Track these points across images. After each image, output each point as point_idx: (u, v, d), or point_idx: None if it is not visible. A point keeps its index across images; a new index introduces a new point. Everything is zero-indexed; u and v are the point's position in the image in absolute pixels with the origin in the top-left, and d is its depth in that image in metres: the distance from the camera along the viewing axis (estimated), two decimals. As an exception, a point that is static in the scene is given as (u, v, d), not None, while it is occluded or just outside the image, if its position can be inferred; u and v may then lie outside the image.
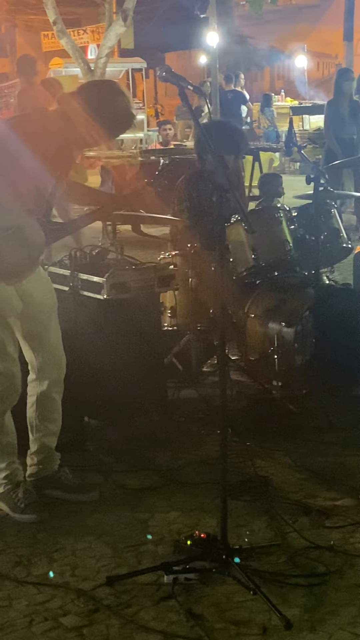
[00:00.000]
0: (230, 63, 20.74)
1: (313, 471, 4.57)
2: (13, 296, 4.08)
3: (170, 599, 3.45)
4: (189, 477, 4.54)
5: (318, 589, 3.50)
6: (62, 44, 18.93)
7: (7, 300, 4.06)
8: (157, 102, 31.05)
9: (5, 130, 4.01)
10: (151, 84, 31.13)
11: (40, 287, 4.25)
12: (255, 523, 4.05)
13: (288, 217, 6.10)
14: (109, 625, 3.32)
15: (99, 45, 21.03)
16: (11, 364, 4.12)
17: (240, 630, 3.26)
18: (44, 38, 29.65)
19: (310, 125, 19.95)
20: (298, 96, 24.69)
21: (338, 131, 11.35)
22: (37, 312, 4.21)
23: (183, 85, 3.61)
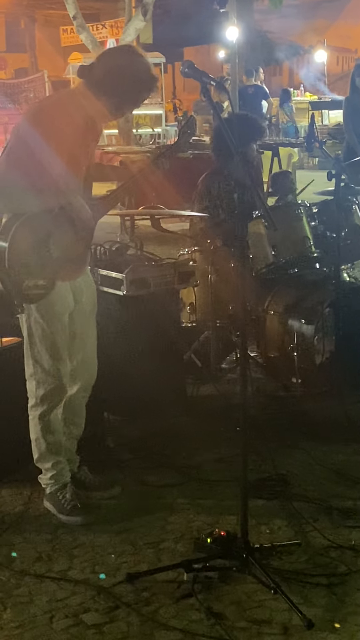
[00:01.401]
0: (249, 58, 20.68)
1: (333, 470, 4.55)
2: (68, 293, 4.06)
3: (191, 597, 3.44)
4: (209, 474, 4.53)
5: (339, 588, 3.48)
6: (82, 39, 18.94)
7: (63, 296, 4.02)
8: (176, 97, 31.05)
9: (32, 116, 3.97)
10: (169, 79, 31.15)
11: (88, 285, 4.23)
12: (276, 521, 4.04)
13: (308, 213, 6.07)
14: (129, 622, 3.32)
15: (117, 40, 21.04)
16: (60, 363, 4.08)
17: (262, 629, 3.25)
18: (63, 33, 29.66)
19: (329, 120, 19.89)
20: (317, 91, 24.61)
21: (357, 126, 11.27)
22: (83, 312, 4.18)
23: (206, 81, 3.59)
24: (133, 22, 18.39)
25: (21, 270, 3.76)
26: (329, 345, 5.50)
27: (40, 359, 4.06)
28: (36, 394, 4.11)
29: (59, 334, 4.05)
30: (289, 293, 5.77)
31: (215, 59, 27.94)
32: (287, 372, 5.64)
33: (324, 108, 20.88)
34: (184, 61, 3.59)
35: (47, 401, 4.11)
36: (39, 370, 4.07)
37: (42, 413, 4.12)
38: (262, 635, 3.22)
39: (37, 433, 4.16)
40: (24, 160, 3.80)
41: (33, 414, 4.15)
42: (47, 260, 3.83)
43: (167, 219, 7.30)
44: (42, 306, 3.96)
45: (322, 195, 6.85)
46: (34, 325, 4.02)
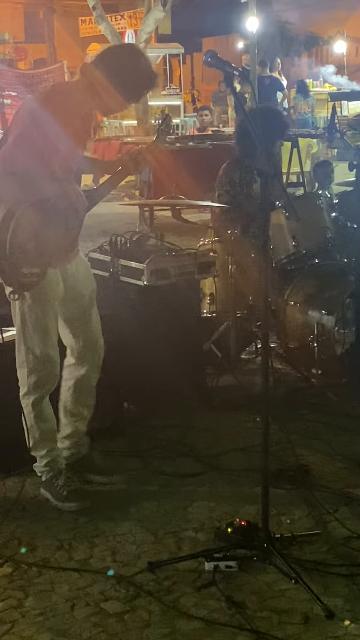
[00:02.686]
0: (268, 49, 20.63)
1: (353, 460, 4.54)
2: (58, 280, 4.09)
3: (211, 586, 3.44)
4: (229, 465, 4.53)
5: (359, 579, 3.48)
6: (101, 30, 18.94)
7: (53, 284, 4.06)
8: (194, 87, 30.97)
9: (34, 104, 4.00)
10: (188, 70, 31.06)
11: (81, 271, 4.26)
12: (296, 512, 4.03)
13: (329, 204, 6.06)
14: (150, 611, 3.33)
15: (136, 31, 21.00)
16: (51, 349, 4.12)
17: (282, 619, 3.25)
18: (82, 24, 29.64)
19: (349, 111, 19.79)
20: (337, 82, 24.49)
21: None
22: (79, 296, 4.22)
23: (229, 71, 3.58)
24: (152, 12, 18.36)
25: (20, 257, 3.82)
26: (350, 336, 5.49)
27: (32, 345, 4.09)
28: (28, 382, 4.14)
29: (52, 320, 4.10)
30: (309, 283, 5.76)
31: (234, 49, 27.84)
32: (307, 363, 5.63)
33: (344, 99, 20.77)
34: (207, 51, 3.58)
35: (39, 389, 4.14)
36: (30, 357, 4.10)
37: (34, 401, 4.15)
38: (283, 624, 3.22)
39: (30, 421, 4.18)
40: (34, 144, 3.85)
41: (25, 402, 4.17)
42: (44, 248, 3.89)
43: (186, 210, 7.30)
44: (35, 293, 4.00)
45: (343, 186, 6.84)
46: (28, 312, 4.05)
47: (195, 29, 26.49)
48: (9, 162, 3.86)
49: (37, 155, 3.86)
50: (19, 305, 4.06)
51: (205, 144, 12.86)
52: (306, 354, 5.60)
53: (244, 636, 3.16)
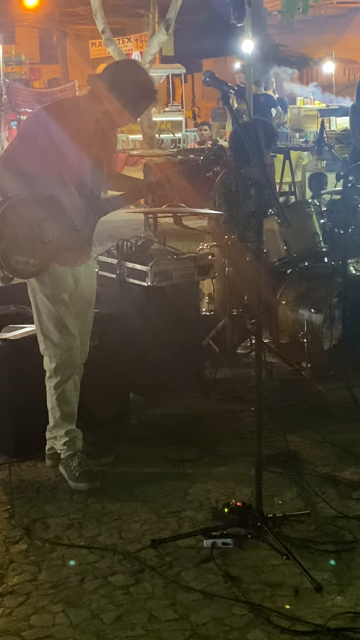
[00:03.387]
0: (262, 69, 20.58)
1: (340, 446, 4.53)
2: (67, 275, 4.10)
3: (209, 561, 3.44)
4: (226, 450, 4.52)
5: (346, 555, 3.47)
6: (109, 52, 18.89)
7: (63, 278, 4.07)
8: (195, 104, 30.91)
9: (44, 114, 4.01)
10: (189, 88, 30.99)
11: (88, 274, 4.26)
12: (287, 493, 4.03)
13: (318, 211, 6.07)
14: (153, 584, 3.32)
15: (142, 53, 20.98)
16: (69, 336, 4.11)
17: (274, 591, 3.24)
18: (92, 46, 29.63)
19: (337, 126, 19.74)
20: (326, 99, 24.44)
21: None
22: (81, 297, 4.21)
23: (226, 89, 3.57)
24: (157, 36, 18.32)
25: (9, 246, 3.85)
26: (337, 332, 5.48)
27: (49, 334, 4.11)
28: (49, 367, 4.16)
29: (63, 310, 4.10)
30: (299, 284, 5.76)
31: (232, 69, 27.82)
32: (297, 357, 5.63)
33: (332, 115, 20.72)
34: (206, 71, 3.57)
35: (59, 372, 4.14)
36: (49, 345, 4.12)
37: (56, 384, 4.16)
38: (275, 597, 3.21)
39: (52, 402, 4.20)
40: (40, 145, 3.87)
41: (49, 385, 4.19)
42: (38, 242, 3.90)
43: (187, 217, 7.29)
44: (45, 287, 4.05)
45: (331, 195, 6.83)
46: (41, 305, 4.09)
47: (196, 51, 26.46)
48: (16, 161, 3.88)
49: (43, 156, 3.88)
50: (33, 298, 4.11)
51: (205, 157, 12.83)
52: (297, 348, 5.60)
53: (239, 607, 3.15)
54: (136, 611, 3.16)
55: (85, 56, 31.55)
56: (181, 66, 26.04)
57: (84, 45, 31.36)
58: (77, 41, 33.26)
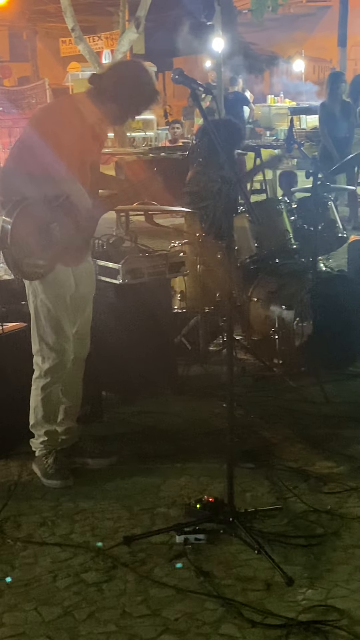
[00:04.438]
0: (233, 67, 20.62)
1: (311, 441, 4.57)
2: (69, 277, 4.09)
3: (182, 557, 3.46)
4: (198, 446, 4.54)
5: (317, 549, 3.50)
6: (80, 50, 18.88)
7: (65, 280, 4.06)
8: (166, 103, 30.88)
9: (34, 121, 4.00)
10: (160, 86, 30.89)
11: (87, 271, 4.26)
12: (259, 488, 4.05)
13: (288, 209, 6.09)
14: (126, 581, 3.33)
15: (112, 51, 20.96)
16: (64, 340, 4.12)
17: (246, 586, 3.26)
18: (62, 44, 29.50)
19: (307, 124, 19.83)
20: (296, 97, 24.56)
21: (332, 130, 11.28)
22: (81, 294, 4.19)
23: (195, 87, 3.58)
24: (127, 34, 18.32)
25: (22, 249, 3.81)
26: (307, 329, 5.51)
27: (45, 336, 4.10)
28: (41, 367, 4.15)
29: (63, 313, 4.08)
30: (270, 281, 5.78)
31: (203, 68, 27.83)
32: (269, 354, 5.66)
33: (302, 113, 20.82)
34: (175, 69, 3.58)
35: (50, 374, 4.14)
36: (44, 346, 4.11)
37: (44, 385, 4.15)
38: (247, 591, 3.23)
39: (36, 402, 4.20)
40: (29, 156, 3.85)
41: (36, 385, 4.18)
42: (48, 243, 3.87)
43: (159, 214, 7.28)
44: (47, 289, 4.02)
45: (301, 192, 6.87)
46: (40, 306, 4.07)
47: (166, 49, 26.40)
48: (21, 162, 3.85)
49: (47, 158, 3.85)
50: (33, 298, 4.09)
51: (176, 155, 12.84)
52: (268, 345, 5.63)
53: (212, 602, 3.17)
54: (109, 608, 3.17)
55: (56, 54, 31.43)
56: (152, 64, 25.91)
57: (54, 43, 31.21)
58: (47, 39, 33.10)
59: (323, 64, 31.48)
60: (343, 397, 5.23)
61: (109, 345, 4.97)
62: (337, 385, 5.37)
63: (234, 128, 6.12)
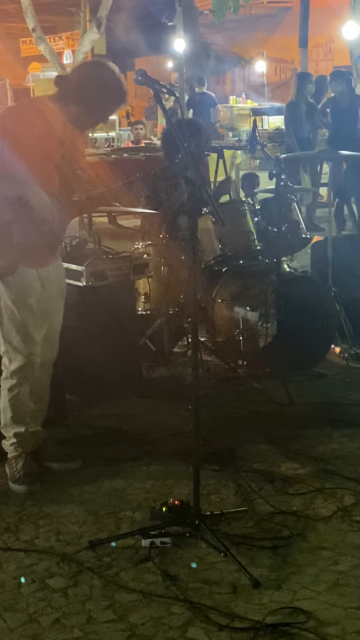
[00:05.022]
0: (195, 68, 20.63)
1: (276, 443, 4.57)
2: (35, 279, 4.04)
3: (148, 561, 3.44)
4: (163, 449, 4.53)
5: (283, 550, 3.50)
6: (40, 50, 18.78)
7: (29, 283, 4.02)
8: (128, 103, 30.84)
9: (9, 114, 3.96)
10: (122, 87, 30.81)
11: (56, 274, 4.22)
12: (224, 491, 4.05)
13: (252, 210, 6.11)
14: (91, 585, 3.31)
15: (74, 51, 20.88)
16: (31, 343, 4.08)
17: (213, 589, 3.26)
18: (23, 44, 29.32)
19: (269, 125, 19.89)
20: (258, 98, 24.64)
21: (297, 131, 11.34)
22: (49, 297, 4.16)
23: (157, 88, 3.58)
24: (88, 34, 18.26)
25: None
26: (272, 330, 5.52)
27: (10, 338, 4.06)
28: (8, 369, 4.12)
29: (27, 316, 4.04)
30: (235, 283, 5.79)
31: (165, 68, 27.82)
32: (233, 355, 5.67)
33: (264, 114, 20.88)
34: (138, 70, 3.57)
35: (16, 376, 4.11)
36: (9, 348, 4.08)
37: (11, 386, 4.12)
38: (213, 594, 3.23)
39: (5, 403, 4.17)
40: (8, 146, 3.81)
41: (4, 386, 4.15)
42: (7, 244, 3.84)
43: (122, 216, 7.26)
44: (11, 291, 3.98)
45: (264, 193, 6.89)
46: (4, 308, 4.03)
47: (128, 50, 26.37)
48: None
49: (8, 158, 3.80)
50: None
51: (139, 155, 12.82)
52: (233, 346, 5.63)
53: (178, 606, 3.16)
54: (74, 613, 3.15)
55: (16, 54, 31.20)
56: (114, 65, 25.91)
57: (14, 43, 30.99)
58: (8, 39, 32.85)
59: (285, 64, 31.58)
60: (307, 398, 5.25)
61: (73, 348, 4.93)
62: (301, 386, 5.39)
63: (198, 128, 6.13)
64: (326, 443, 4.58)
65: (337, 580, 3.30)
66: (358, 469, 4.24)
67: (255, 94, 24.66)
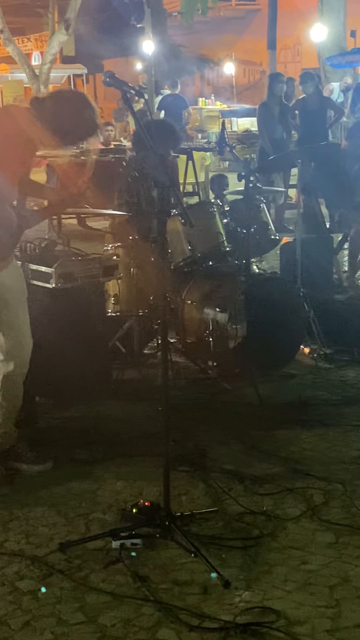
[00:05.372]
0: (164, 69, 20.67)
1: (246, 443, 4.59)
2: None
3: (118, 562, 3.44)
4: (134, 451, 4.52)
5: (253, 550, 3.51)
6: (9, 51, 18.71)
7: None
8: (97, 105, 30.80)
9: None
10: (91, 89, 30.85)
11: (11, 274, 4.19)
12: (195, 491, 4.05)
13: (221, 211, 6.13)
14: (62, 588, 3.30)
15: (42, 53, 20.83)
16: None
17: (183, 589, 3.26)
18: (-9, 45, 29.18)
19: (238, 127, 19.97)
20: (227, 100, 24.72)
21: (271, 132, 11.37)
22: (8, 298, 4.14)
23: (126, 90, 3.58)
24: (56, 36, 18.22)
25: None
26: (241, 331, 5.54)
27: None
28: None
29: None
30: (204, 284, 5.80)
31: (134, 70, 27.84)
32: (203, 356, 5.68)
33: (233, 116, 20.96)
34: (106, 71, 3.57)
35: None
36: None
37: None
38: (184, 595, 3.23)
39: None
40: None
41: None
42: None
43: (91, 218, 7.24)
44: None
45: (233, 195, 6.91)
46: None
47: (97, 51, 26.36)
48: None
49: None
50: None
51: (108, 157, 12.81)
52: (202, 348, 5.65)
53: (148, 607, 3.16)
54: (45, 616, 3.13)
55: (-16, 56, 31.06)
56: (82, 66, 25.93)
57: (-18, 44, 30.85)
58: (-24, 40, 32.69)
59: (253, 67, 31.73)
60: (277, 398, 5.27)
61: (43, 349, 4.91)
62: (271, 387, 5.41)
63: (168, 129, 6.13)
64: (296, 443, 4.61)
65: (307, 579, 3.32)
66: (328, 469, 4.26)
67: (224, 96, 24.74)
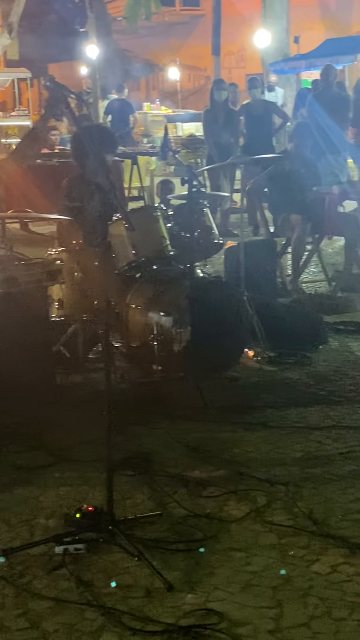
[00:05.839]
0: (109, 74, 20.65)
1: (190, 446, 4.60)
2: None
3: (61, 568, 3.42)
4: (78, 455, 4.51)
5: (196, 553, 3.52)
6: None
7: None
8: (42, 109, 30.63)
9: None
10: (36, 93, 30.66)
11: None
12: (139, 495, 4.06)
13: (165, 215, 6.14)
14: (4, 594, 3.27)
15: (-14, 56, 20.65)
16: None
17: (126, 593, 3.26)
18: None
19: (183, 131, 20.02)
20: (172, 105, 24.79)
21: (216, 137, 11.41)
22: None
23: (66, 94, 3.57)
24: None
25: None
26: (185, 335, 5.55)
27: None
28: None
29: None
30: (148, 288, 5.81)
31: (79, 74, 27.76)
32: (148, 360, 5.67)
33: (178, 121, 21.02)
34: (47, 75, 3.57)
35: None
36: None
37: None
38: (127, 598, 3.23)
39: None
40: None
41: None
42: None
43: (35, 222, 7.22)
44: None
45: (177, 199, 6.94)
46: None
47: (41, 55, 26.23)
48: None
49: None
50: None
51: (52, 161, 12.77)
52: (147, 351, 5.64)
53: (92, 611, 3.15)
54: (-13, 623, 3.11)
55: None
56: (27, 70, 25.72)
57: None
58: None
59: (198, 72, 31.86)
60: (221, 401, 5.29)
61: (-15, 355, 4.88)
62: (215, 390, 5.43)
63: (106, 134, 6.13)
64: (240, 445, 4.63)
65: (249, 580, 3.34)
66: (271, 471, 4.29)
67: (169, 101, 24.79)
